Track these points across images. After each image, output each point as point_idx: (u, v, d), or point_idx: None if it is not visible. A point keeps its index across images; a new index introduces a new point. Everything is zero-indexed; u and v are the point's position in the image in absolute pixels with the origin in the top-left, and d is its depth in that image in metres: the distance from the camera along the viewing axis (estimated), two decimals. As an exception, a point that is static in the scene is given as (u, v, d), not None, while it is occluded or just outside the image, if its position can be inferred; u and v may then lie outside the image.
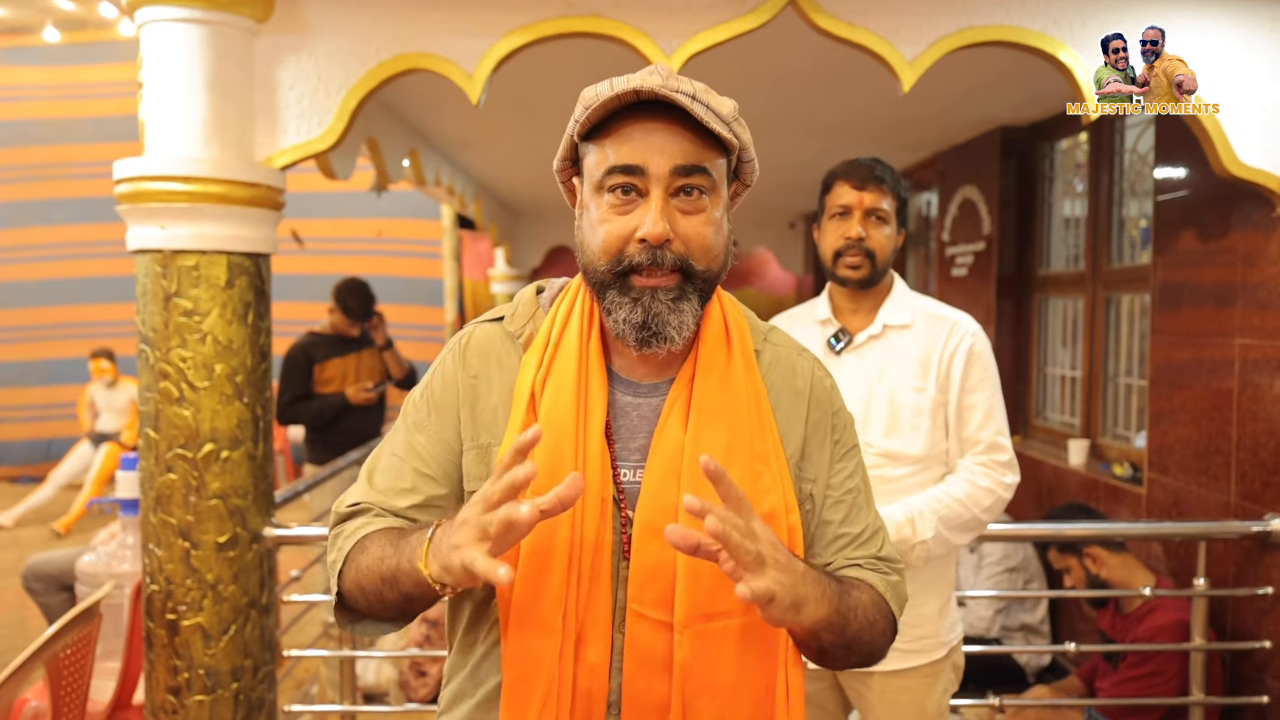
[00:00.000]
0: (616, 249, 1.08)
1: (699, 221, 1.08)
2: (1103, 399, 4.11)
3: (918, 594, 1.99)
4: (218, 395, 2.44)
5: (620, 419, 1.15)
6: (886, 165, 2.04)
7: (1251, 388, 2.74)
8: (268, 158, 2.54)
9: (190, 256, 2.42)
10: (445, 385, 1.19)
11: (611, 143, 1.08)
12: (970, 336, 2.01)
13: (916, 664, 2.00)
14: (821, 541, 1.20)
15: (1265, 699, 2.65)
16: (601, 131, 1.09)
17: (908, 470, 1.99)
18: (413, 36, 2.52)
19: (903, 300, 2.07)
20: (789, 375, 1.21)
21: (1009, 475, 1.99)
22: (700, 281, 1.10)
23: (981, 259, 4.82)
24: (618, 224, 1.08)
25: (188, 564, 2.45)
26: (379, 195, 5.46)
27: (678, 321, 1.08)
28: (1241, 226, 2.78)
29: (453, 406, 1.17)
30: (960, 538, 1.99)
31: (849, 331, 2.06)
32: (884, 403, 1.99)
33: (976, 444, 1.99)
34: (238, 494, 2.48)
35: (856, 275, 2.01)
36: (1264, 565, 2.67)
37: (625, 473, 1.13)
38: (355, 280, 4.71)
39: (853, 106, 4.21)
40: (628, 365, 1.17)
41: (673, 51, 2.49)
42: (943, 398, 1.99)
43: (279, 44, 2.53)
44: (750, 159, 1.17)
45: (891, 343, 2.03)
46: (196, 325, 2.42)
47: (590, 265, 1.11)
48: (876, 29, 2.48)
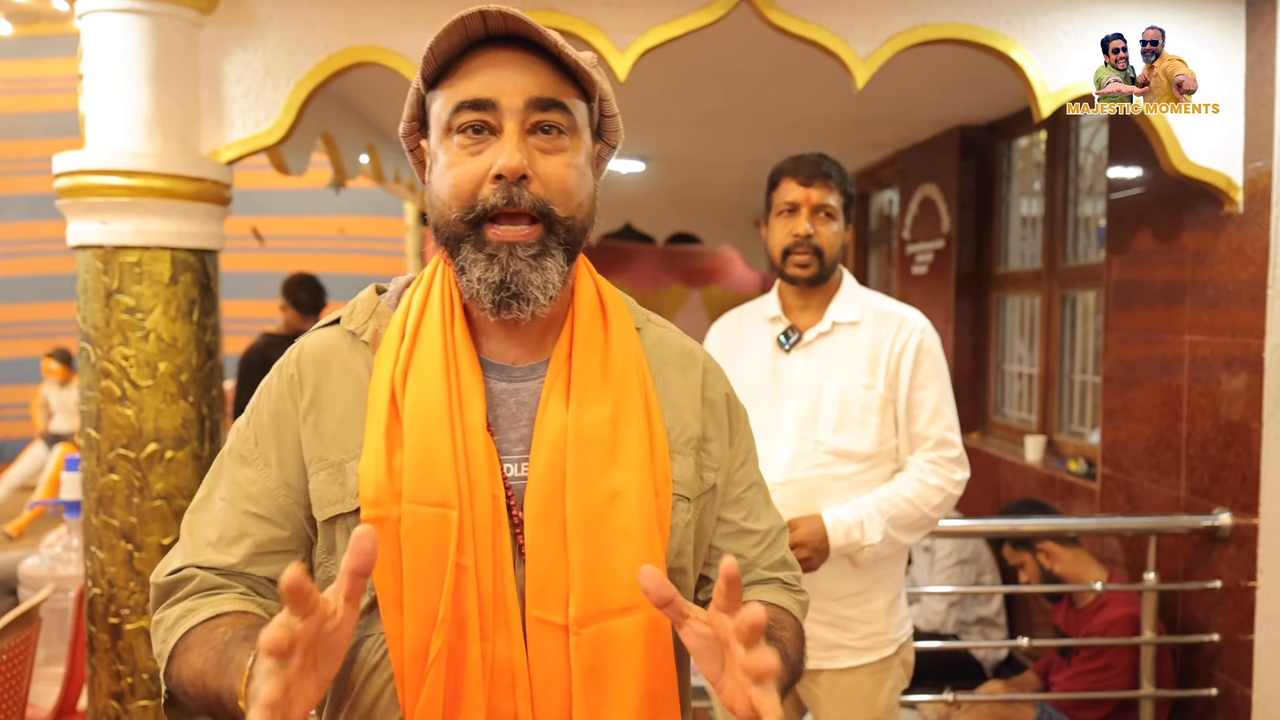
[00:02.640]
0: (469, 192, 0.96)
1: (559, 162, 0.98)
2: (1059, 396, 4.15)
3: (867, 591, 2.00)
4: (161, 394, 2.39)
5: (497, 408, 1.02)
6: (833, 161, 2.03)
7: (1200, 384, 2.76)
8: (213, 152, 2.49)
9: (132, 252, 2.36)
10: (275, 407, 1.03)
11: (460, 80, 0.97)
12: (919, 332, 2.00)
13: (866, 661, 2.00)
14: (721, 536, 1.11)
15: (1214, 691, 2.68)
16: (449, 74, 0.98)
17: (857, 468, 1.98)
18: (362, 29, 2.48)
19: (852, 297, 2.06)
20: (678, 356, 1.12)
21: (958, 472, 1.99)
22: (564, 232, 0.98)
23: (941, 257, 4.85)
24: (469, 165, 0.96)
25: (131, 567, 2.40)
26: (337, 192, 5.41)
27: (541, 280, 0.97)
28: (1192, 225, 2.81)
29: (290, 429, 1.02)
30: (910, 537, 1.98)
31: (798, 329, 2.04)
32: (833, 400, 1.98)
33: (926, 440, 1.99)
34: (182, 495, 2.43)
35: (805, 273, 2.00)
36: (1212, 559, 2.69)
37: (509, 467, 1.00)
38: (304, 275, 4.66)
39: (813, 105, 4.21)
40: (499, 348, 1.04)
41: (626, 46, 2.47)
42: (892, 394, 1.98)
43: (224, 36, 2.48)
44: (613, 114, 1.07)
45: (841, 340, 2.02)
46: (139, 323, 2.37)
47: (441, 218, 0.98)
48: (830, 25, 2.48)
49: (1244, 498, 2.57)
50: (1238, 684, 2.60)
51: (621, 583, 0.96)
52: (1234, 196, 2.55)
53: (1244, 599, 2.57)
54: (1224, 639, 2.66)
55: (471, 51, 0.97)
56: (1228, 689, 2.65)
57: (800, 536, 1.89)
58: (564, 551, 0.96)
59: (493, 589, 0.96)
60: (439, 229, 0.99)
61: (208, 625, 0.94)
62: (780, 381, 2.02)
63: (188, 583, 0.99)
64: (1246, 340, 2.54)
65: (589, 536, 0.97)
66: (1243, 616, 2.57)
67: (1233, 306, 2.61)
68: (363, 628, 0.98)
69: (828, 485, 1.96)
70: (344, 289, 6.84)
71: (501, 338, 1.04)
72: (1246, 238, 2.55)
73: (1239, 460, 2.59)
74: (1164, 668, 2.81)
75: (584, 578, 0.96)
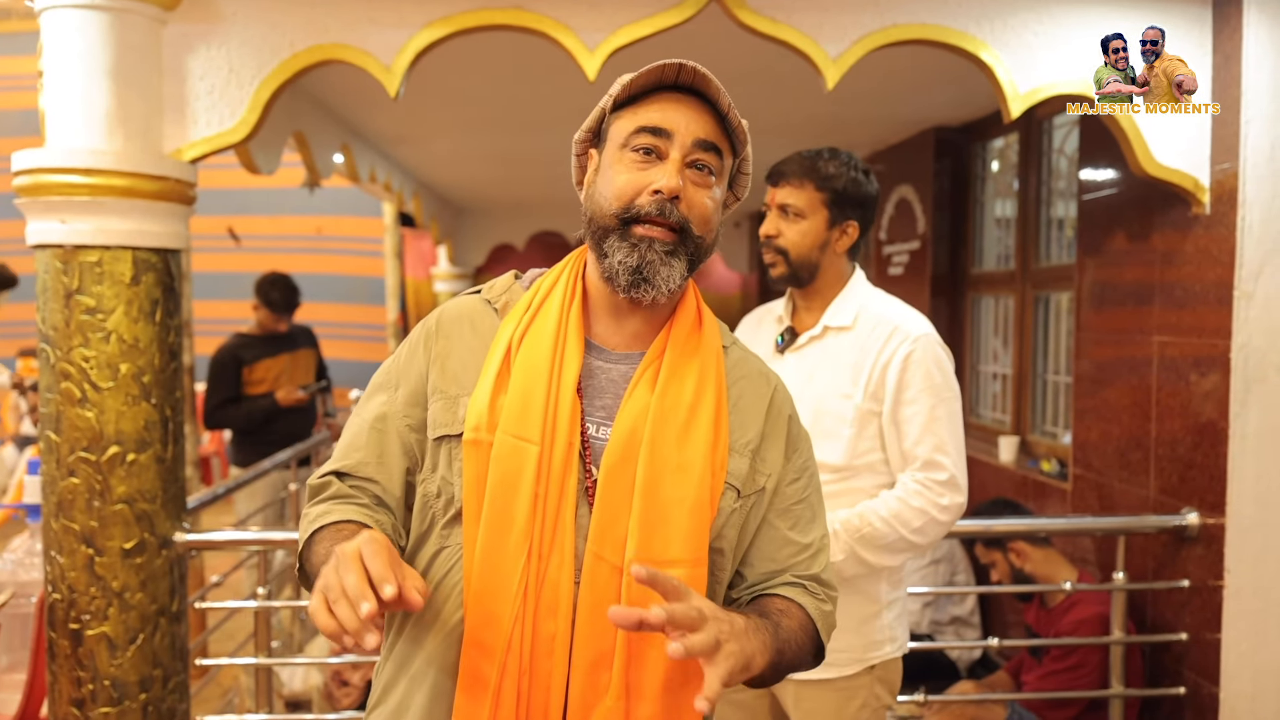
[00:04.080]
0: (630, 197, 1.18)
1: (704, 194, 1.20)
2: (1032, 396, 4.16)
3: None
4: (123, 396, 2.35)
5: (590, 379, 1.22)
6: (817, 155, 1.95)
7: (1169, 385, 2.77)
8: (177, 150, 2.46)
9: (93, 252, 2.33)
10: (411, 350, 1.26)
11: (644, 108, 1.20)
12: (910, 343, 1.87)
13: (829, 676, 1.92)
14: (767, 541, 1.26)
15: (1182, 690, 2.69)
16: (635, 104, 1.21)
17: (827, 478, 1.88)
18: (329, 27, 2.46)
19: (850, 299, 1.97)
20: (754, 375, 1.30)
21: (946, 496, 1.86)
22: (693, 246, 1.20)
23: (917, 257, 4.86)
24: (636, 175, 1.18)
25: (91, 571, 2.36)
26: (311, 191, 5.37)
27: (666, 273, 1.17)
28: (1161, 226, 2.82)
29: (418, 367, 1.25)
30: (883, 558, 1.87)
31: (796, 331, 2.00)
32: (808, 408, 1.88)
33: (914, 459, 1.88)
34: (145, 498, 2.40)
35: (775, 273, 1.98)
36: (1181, 559, 2.70)
37: (590, 427, 1.19)
38: (277, 274, 4.62)
39: (788, 106, 4.21)
40: (604, 333, 1.25)
41: (595, 46, 2.46)
42: (875, 406, 1.88)
43: (188, 33, 2.45)
44: (747, 172, 1.28)
45: (829, 345, 1.95)
46: (100, 323, 2.33)
47: (599, 212, 1.20)
48: (800, 26, 2.47)
49: (1211, 497, 2.58)
50: (1205, 683, 2.61)
51: (673, 540, 1.14)
52: (1201, 198, 2.57)
53: (1211, 598, 2.58)
54: (1192, 638, 2.67)
55: (659, 91, 1.20)
56: (1196, 688, 2.66)
57: None
58: (628, 504, 1.14)
59: (555, 521, 1.14)
60: (595, 220, 1.21)
61: (335, 528, 1.14)
62: None
63: (327, 487, 1.23)
64: (1214, 340, 2.55)
65: (653, 496, 1.14)
66: (1210, 616, 2.58)
67: (1200, 307, 2.62)
68: (443, 538, 1.19)
69: None
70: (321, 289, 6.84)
71: (610, 324, 1.25)
72: (1213, 239, 2.56)
73: (1206, 460, 2.60)
74: (1133, 667, 2.81)
75: (642, 529, 1.13)
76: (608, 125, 1.24)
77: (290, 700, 3.66)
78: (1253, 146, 2.43)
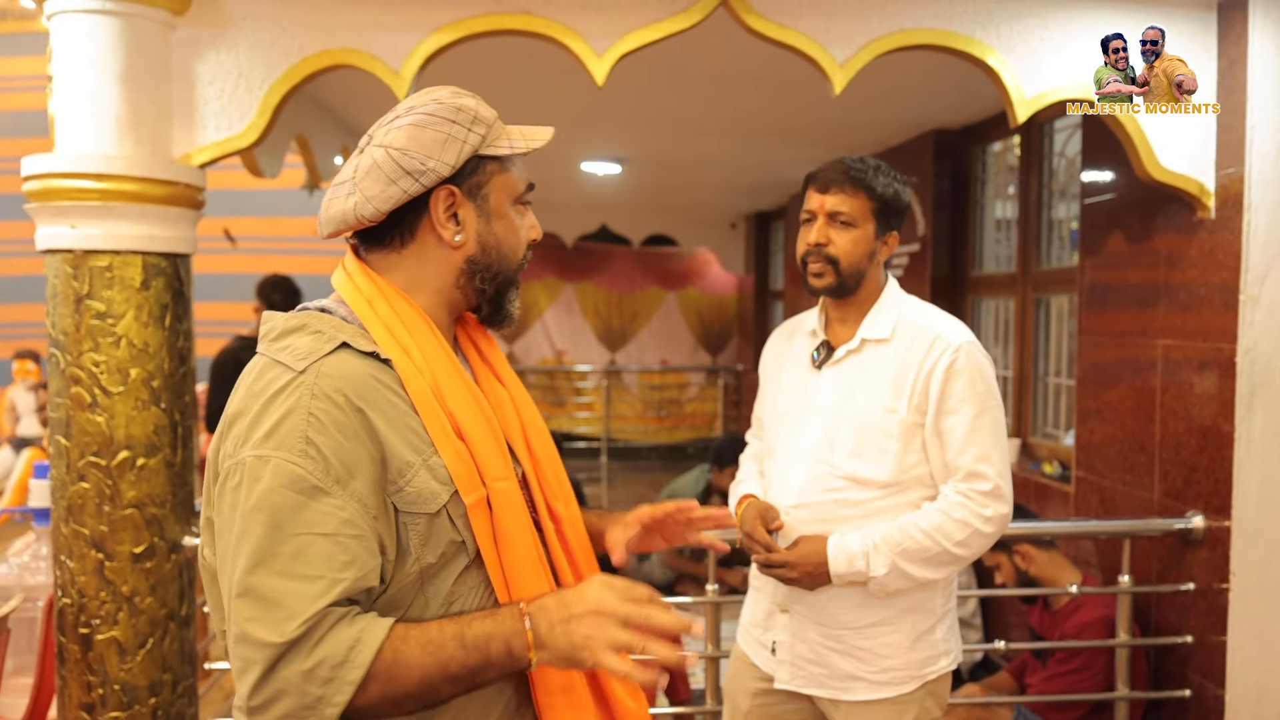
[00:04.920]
0: (524, 249, 1.32)
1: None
2: (1033, 398, 4.18)
3: (887, 623, 1.89)
4: (133, 400, 2.35)
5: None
6: (864, 165, 1.92)
7: (1174, 387, 2.79)
8: (186, 155, 2.46)
9: (103, 257, 2.33)
10: (343, 438, 1.09)
11: (515, 163, 1.30)
12: (952, 352, 1.84)
13: (883, 696, 1.89)
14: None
15: (1187, 693, 2.71)
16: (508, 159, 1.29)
17: (874, 494, 1.86)
18: (338, 31, 2.46)
19: (888, 310, 1.93)
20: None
21: (989, 507, 1.82)
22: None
23: (917, 260, 4.87)
24: (526, 229, 1.32)
25: (101, 576, 2.36)
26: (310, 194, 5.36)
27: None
28: (1164, 229, 2.84)
29: (368, 452, 1.11)
30: (927, 572, 1.83)
31: (832, 345, 1.95)
32: (853, 424, 1.86)
33: (956, 470, 1.84)
34: (155, 503, 2.40)
35: (820, 283, 1.91)
36: (1186, 562, 2.72)
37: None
38: (279, 276, 4.61)
39: (790, 109, 4.22)
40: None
41: (604, 51, 2.46)
42: (919, 418, 1.85)
43: (197, 37, 2.45)
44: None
45: (868, 358, 1.90)
46: (110, 328, 2.33)
47: (507, 263, 1.29)
48: (808, 31, 2.48)
49: (1216, 500, 2.59)
50: (1210, 685, 2.63)
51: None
52: (1206, 202, 2.58)
53: (1217, 601, 2.59)
54: (1197, 641, 2.68)
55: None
56: (1201, 690, 2.67)
57: (795, 556, 1.84)
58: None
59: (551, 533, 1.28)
60: (498, 268, 1.28)
61: (398, 635, 1.07)
62: (810, 401, 1.94)
63: (325, 621, 1.05)
64: (1219, 344, 2.57)
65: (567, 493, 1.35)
66: (1215, 618, 2.60)
67: (1205, 311, 2.64)
68: (460, 582, 1.18)
69: (840, 511, 1.87)
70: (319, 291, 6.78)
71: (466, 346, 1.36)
72: (1218, 243, 2.58)
73: (1211, 463, 2.61)
74: (1138, 669, 2.83)
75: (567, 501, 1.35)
76: (484, 176, 1.25)
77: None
78: (1258, 151, 2.45)
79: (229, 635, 1.07)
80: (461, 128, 1.22)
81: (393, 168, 1.18)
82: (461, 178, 1.23)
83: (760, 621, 2.02)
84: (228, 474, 1.10)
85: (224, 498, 1.10)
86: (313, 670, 1.03)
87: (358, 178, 1.20)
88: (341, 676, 1.03)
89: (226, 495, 1.10)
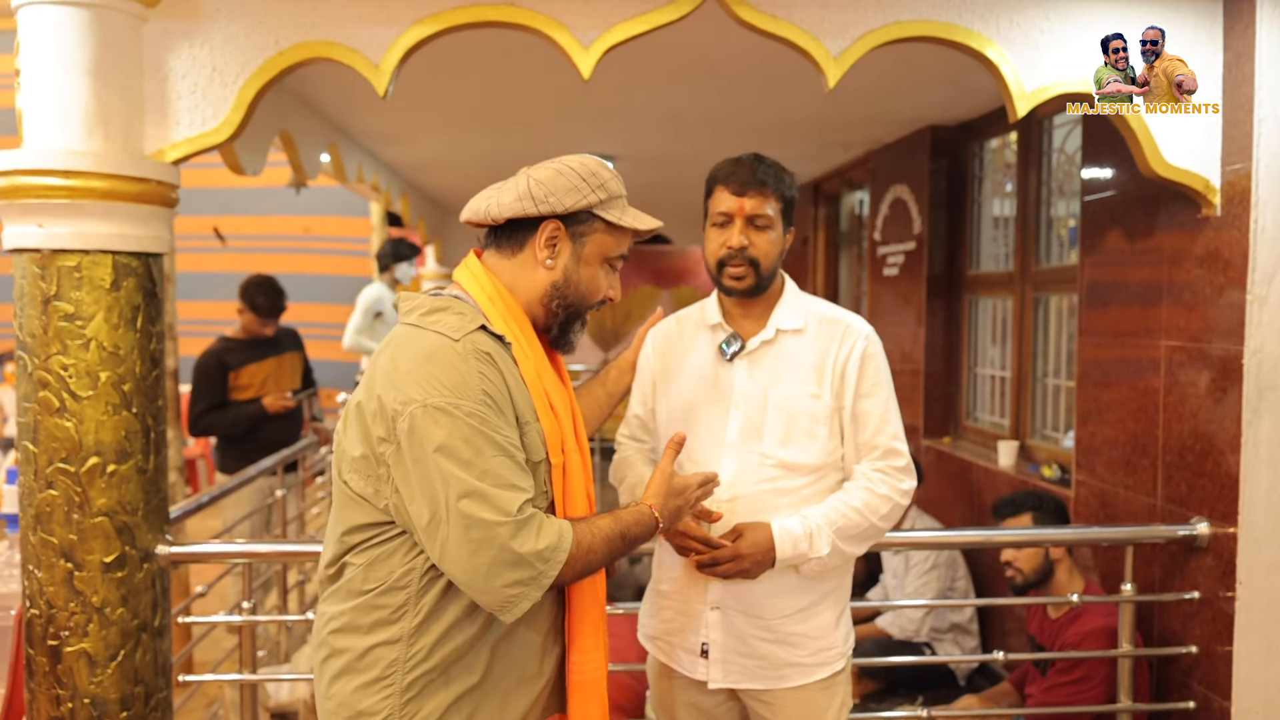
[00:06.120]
0: (598, 298, 1.67)
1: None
2: (1032, 400, 4.11)
3: (815, 605, 1.94)
4: (103, 405, 2.27)
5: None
6: (770, 165, 1.93)
7: (1177, 389, 2.72)
8: (158, 151, 2.38)
9: (71, 256, 2.25)
10: (499, 380, 1.48)
11: (619, 236, 1.67)
12: (864, 340, 1.95)
13: (818, 678, 1.93)
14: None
15: (1192, 704, 2.64)
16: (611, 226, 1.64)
17: (805, 480, 1.91)
18: (315, 24, 2.38)
19: (795, 304, 1.98)
20: None
21: (906, 481, 1.94)
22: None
23: (912, 259, 4.80)
24: (604, 284, 1.67)
25: (71, 586, 2.28)
26: (298, 191, 5.29)
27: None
28: (1167, 227, 2.77)
29: (507, 401, 1.49)
30: (857, 548, 1.94)
31: (741, 337, 1.96)
32: (779, 411, 1.90)
33: (873, 449, 1.93)
34: (126, 510, 2.32)
35: (741, 285, 1.91)
36: (1190, 569, 2.65)
37: None
38: (263, 277, 4.52)
39: (784, 104, 4.15)
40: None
41: (590, 43, 2.38)
42: (838, 403, 1.92)
43: (170, 30, 2.37)
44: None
45: (784, 348, 1.94)
46: (79, 330, 2.25)
47: (583, 302, 1.64)
48: (801, 23, 2.40)
49: (1222, 506, 2.52)
50: (1216, 697, 2.56)
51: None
52: (1212, 199, 2.51)
53: (1222, 610, 2.52)
54: (1202, 651, 2.61)
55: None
56: (1205, 702, 2.60)
57: (744, 547, 1.84)
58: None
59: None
60: (574, 304, 1.63)
61: (583, 530, 1.51)
62: (723, 392, 1.95)
63: (536, 513, 1.46)
64: (1225, 345, 2.50)
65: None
66: (1221, 628, 2.53)
67: (1210, 310, 2.57)
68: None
69: (774, 500, 1.89)
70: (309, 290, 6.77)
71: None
72: (1224, 241, 2.51)
73: (1216, 468, 2.54)
74: (1140, 680, 2.76)
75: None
76: (589, 228, 1.59)
77: (276, 712, 3.58)
78: (1266, 147, 2.38)
79: (451, 538, 1.41)
80: (588, 185, 1.56)
81: (525, 191, 1.55)
82: (571, 221, 1.57)
83: (681, 628, 1.97)
84: (408, 417, 1.42)
85: (406, 435, 1.42)
86: (541, 551, 1.43)
87: (502, 189, 1.57)
88: (555, 558, 1.44)
89: (406, 433, 1.42)
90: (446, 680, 1.51)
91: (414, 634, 1.50)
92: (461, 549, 1.40)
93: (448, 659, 1.51)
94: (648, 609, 2.07)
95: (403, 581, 1.50)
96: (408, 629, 1.50)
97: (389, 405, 1.43)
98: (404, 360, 1.45)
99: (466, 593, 1.46)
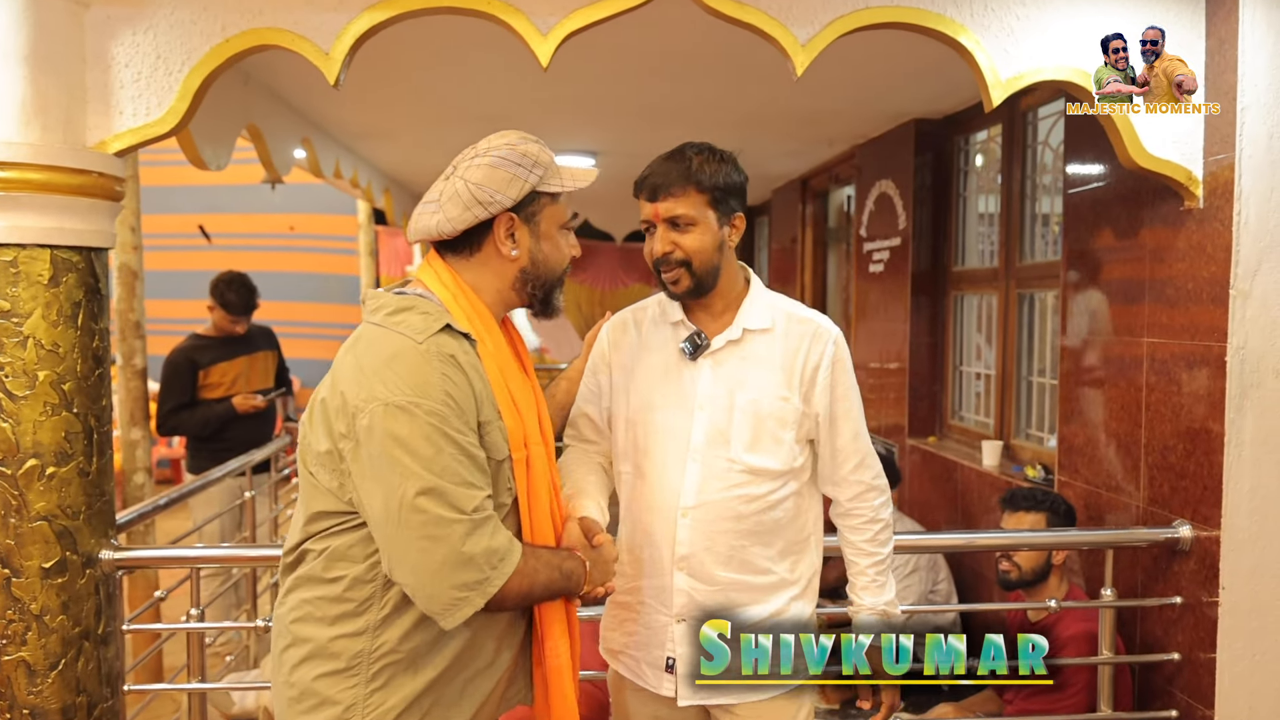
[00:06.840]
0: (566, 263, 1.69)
1: None
2: (1016, 399, 4.02)
3: (781, 612, 1.86)
4: (41, 405, 2.19)
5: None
6: (688, 157, 1.82)
7: (1160, 388, 2.64)
8: (101, 142, 2.29)
9: (7, 251, 2.16)
10: (465, 385, 1.48)
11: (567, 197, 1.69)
12: (833, 343, 1.87)
13: (785, 690, 1.86)
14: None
15: (1174, 713, 2.55)
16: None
17: (771, 486, 1.82)
18: (263, 10, 2.30)
19: (761, 302, 1.89)
20: None
21: (885, 493, 1.95)
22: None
23: (898, 254, 4.72)
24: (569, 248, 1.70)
25: (8, 593, 2.20)
26: (273, 188, 5.21)
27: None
28: (1151, 221, 2.68)
29: (471, 403, 1.49)
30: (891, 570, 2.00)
31: (706, 336, 1.86)
32: (746, 414, 1.81)
33: (853, 455, 1.89)
34: (67, 514, 2.23)
35: (680, 289, 1.82)
36: (1173, 573, 2.57)
37: None
38: (234, 273, 4.43)
39: (763, 97, 4.07)
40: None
41: (549, 30, 2.30)
42: (808, 407, 1.85)
43: (112, 16, 2.29)
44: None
45: (751, 348, 1.85)
46: (15, 327, 2.17)
47: (553, 273, 1.66)
48: (768, 9, 2.32)
49: (1205, 509, 2.44)
50: (1198, 705, 2.47)
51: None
52: (1194, 191, 2.43)
53: (1205, 615, 2.44)
54: (1184, 658, 2.53)
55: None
56: (1188, 710, 2.52)
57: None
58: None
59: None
60: (545, 276, 1.65)
61: (529, 550, 1.53)
62: (686, 394, 1.85)
63: (492, 516, 1.48)
64: (1208, 342, 2.41)
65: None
66: (1204, 634, 2.44)
67: (1193, 306, 2.48)
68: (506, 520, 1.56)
69: (742, 508, 1.80)
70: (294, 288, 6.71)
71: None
72: (1207, 234, 2.42)
73: (1200, 469, 2.46)
74: (1122, 688, 2.68)
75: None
76: (537, 206, 1.61)
77: (238, 718, 3.50)
78: (1249, 136, 2.29)
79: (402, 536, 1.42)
80: (525, 169, 1.58)
81: (469, 197, 1.55)
82: (520, 208, 1.59)
83: (645, 641, 1.89)
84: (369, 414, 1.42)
85: (366, 432, 1.43)
86: (494, 550, 1.45)
87: (442, 201, 1.56)
88: (503, 567, 1.46)
89: (365, 430, 1.43)
90: (414, 671, 1.52)
91: (380, 626, 1.50)
92: (412, 547, 1.41)
93: (417, 650, 1.52)
94: (609, 622, 1.97)
95: (368, 575, 1.50)
96: (374, 621, 1.50)
97: (351, 402, 1.44)
98: (369, 360, 1.47)
99: (410, 594, 1.45)
